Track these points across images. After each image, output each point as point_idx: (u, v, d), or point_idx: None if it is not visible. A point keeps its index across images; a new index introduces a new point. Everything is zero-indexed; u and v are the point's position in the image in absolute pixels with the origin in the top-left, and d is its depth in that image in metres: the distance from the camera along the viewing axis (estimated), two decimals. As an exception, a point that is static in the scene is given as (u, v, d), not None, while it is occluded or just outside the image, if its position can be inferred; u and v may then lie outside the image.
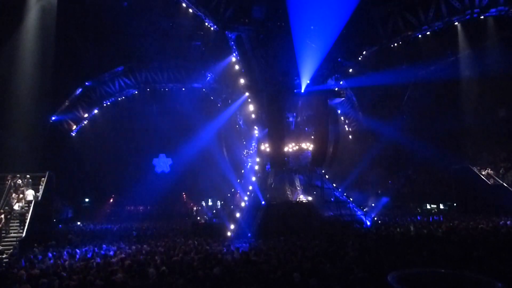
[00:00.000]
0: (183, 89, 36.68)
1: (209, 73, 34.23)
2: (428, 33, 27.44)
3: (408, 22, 27.04)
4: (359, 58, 29.06)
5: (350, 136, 38.60)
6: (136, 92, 36.50)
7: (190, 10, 25.12)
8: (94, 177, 38.04)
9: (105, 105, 36.23)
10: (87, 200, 41.14)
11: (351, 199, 26.79)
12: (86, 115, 35.58)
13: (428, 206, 35.95)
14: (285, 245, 15.03)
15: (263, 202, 23.51)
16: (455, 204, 31.58)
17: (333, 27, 24.14)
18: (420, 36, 27.93)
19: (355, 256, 11.40)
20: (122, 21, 28.74)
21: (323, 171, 27.45)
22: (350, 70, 30.03)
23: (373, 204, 32.89)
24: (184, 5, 24.98)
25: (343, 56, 27.78)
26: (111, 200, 42.58)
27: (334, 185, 27.45)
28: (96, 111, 36.22)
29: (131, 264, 11.13)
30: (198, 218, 31.39)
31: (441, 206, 34.96)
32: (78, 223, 31.69)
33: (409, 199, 36.41)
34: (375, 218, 25.67)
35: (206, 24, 25.89)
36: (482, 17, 26.13)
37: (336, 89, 27.84)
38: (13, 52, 25.05)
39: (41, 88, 26.30)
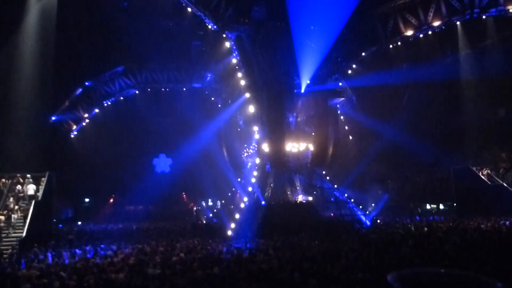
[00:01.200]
0: (184, 89, 36.65)
1: (209, 73, 34.17)
2: (428, 33, 27.43)
3: (408, 22, 27.04)
4: (359, 58, 29.06)
5: (350, 136, 38.55)
6: (136, 92, 36.47)
7: (190, 10, 25.10)
8: (94, 177, 37.94)
9: (105, 105, 36.21)
10: (87, 200, 41.08)
11: (351, 199, 26.78)
12: (86, 115, 35.54)
13: (428, 206, 35.88)
14: (285, 245, 15.03)
15: (263, 202, 23.51)
16: (455, 204, 31.55)
17: (333, 27, 24.17)
18: (420, 36, 27.91)
19: (355, 256, 11.40)
20: (121, 21, 28.70)
21: (323, 171, 27.44)
22: (350, 71, 30.01)
23: (373, 204, 32.86)
24: (184, 5, 24.96)
25: (343, 56, 27.81)
26: (111, 200, 42.52)
27: (335, 185, 27.45)
28: (96, 111, 36.21)
29: (131, 264, 11.13)
30: (198, 218, 31.38)
31: (441, 206, 34.90)
32: (78, 223, 31.67)
33: (409, 199, 36.36)
34: (375, 218, 25.66)
35: (206, 24, 25.87)
36: (483, 17, 26.14)
37: (336, 89, 27.84)
38: (13, 52, 25.01)
39: (41, 88, 26.26)
